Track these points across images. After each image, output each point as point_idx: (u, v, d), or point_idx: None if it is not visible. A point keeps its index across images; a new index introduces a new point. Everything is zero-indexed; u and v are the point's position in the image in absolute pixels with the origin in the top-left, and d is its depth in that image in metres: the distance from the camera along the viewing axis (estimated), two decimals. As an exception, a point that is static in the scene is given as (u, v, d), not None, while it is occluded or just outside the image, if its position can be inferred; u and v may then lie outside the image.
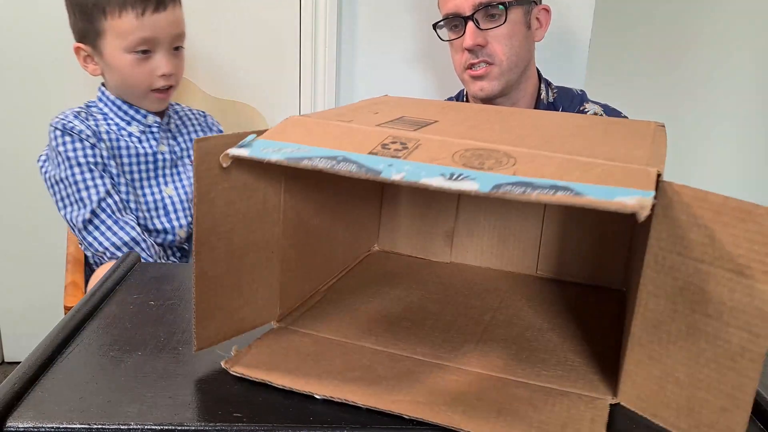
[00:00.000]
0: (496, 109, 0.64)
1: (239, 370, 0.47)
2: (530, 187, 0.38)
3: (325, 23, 1.47)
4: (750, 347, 0.38)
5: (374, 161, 0.42)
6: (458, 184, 0.39)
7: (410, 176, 0.40)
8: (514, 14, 1.12)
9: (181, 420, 0.41)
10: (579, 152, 0.44)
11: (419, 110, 0.58)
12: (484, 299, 0.62)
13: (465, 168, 0.41)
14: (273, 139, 0.46)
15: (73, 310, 0.55)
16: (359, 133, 0.47)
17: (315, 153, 0.43)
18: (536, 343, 0.54)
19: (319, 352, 0.50)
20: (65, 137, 1.03)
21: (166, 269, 0.68)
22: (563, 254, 0.68)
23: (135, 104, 1.10)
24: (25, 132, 1.54)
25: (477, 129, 0.51)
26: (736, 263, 0.38)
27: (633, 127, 0.57)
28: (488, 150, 0.44)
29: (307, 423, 0.42)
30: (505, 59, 1.12)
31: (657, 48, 2.41)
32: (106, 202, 1.03)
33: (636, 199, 0.36)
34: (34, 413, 0.41)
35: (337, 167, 0.42)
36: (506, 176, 0.40)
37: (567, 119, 0.60)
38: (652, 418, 0.44)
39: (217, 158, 0.45)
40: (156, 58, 1.05)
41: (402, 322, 0.56)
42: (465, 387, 0.46)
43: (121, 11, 1.01)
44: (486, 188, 0.38)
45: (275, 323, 0.54)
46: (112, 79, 1.08)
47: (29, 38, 1.48)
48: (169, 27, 1.05)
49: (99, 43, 1.05)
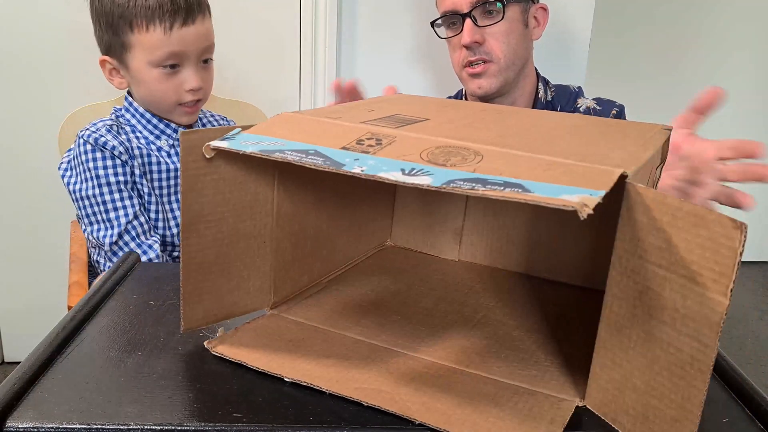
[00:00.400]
0: (496, 108, 0.64)
1: (220, 350, 0.49)
2: (481, 183, 0.38)
3: (325, 23, 1.47)
4: (699, 357, 0.37)
5: (342, 155, 0.44)
6: (413, 179, 0.40)
7: (370, 170, 0.41)
8: (512, 11, 1.11)
9: (181, 420, 0.41)
10: (553, 152, 0.44)
11: (417, 108, 0.59)
12: (480, 298, 0.62)
13: (427, 164, 0.42)
14: (257, 133, 0.48)
15: (73, 310, 0.55)
16: (340, 129, 0.49)
17: (288, 146, 0.45)
18: (520, 342, 0.54)
19: (302, 338, 0.52)
20: (96, 153, 0.99)
21: (166, 269, 0.68)
22: (573, 259, 0.67)
23: (163, 117, 1.07)
24: (26, 132, 1.54)
25: (465, 127, 0.52)
26: (689, 269, 0.37)
27: (631, 129, 0.57)
28: (458, 147, 0.45)
29: (307, 423, 0.42)
30: (503, 57, 1.11)
31: (657, 48, 2.41)
32: (133, 225, 1.01)
33: (580, 197, 0.36)
34: (34, 413, 0.41)
35: (305, 160, 0.43)
36: (463, 172, 0.40)
37: (565, 119, 0.61)
38: (612, 423, 0.43)
39: (202, 150, 0.47)
40: (184, 73, 1.02)
41: (392, 315, 0.57)
42: (432, 379, 0.47)
43: (149, 25, 0.97)
44: (438, 183, 0.39)
45: (268, 310, 0.56)
46: (139, 92, 1.05)
47: (29, 38, 1.48)
48: (198, 41, 1.01)
49: (125, 56, 1.01)
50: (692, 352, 0.37)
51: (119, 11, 0.98)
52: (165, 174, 1.06)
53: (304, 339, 0.51)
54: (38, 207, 1.60)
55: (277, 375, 0.46)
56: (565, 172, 0.40)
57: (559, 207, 0.35)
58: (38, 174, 1.56)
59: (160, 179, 1.06)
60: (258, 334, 0.52)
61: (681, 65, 2.43)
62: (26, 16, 1.47)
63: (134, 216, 1.01)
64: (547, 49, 1.46)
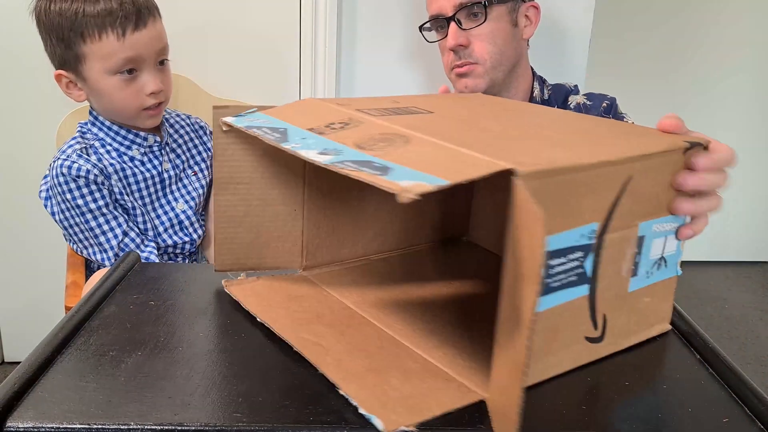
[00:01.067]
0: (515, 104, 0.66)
1: (231, 290, 0.57)
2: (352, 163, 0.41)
3: (325, 23, 1.47)
4: None
5: (298, 134, 0.49)
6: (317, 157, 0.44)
7: (299, 149, 0.46)
8: (497, 12, 1.12)
9: (181, 420, 0.41)
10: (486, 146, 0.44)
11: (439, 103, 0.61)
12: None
13: (352, 147, 0.45)
14: (269, 113, 0.54)
15: (72, 310, 0.55)
16: (327, 114, 0.53)
17: (268, 124, 0.51)
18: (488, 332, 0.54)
19: (305, 298, 0.57)
20: (71, 184, 0.98)
21: (166, 269, 0.68)
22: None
23: (128, 124, 1.05)
24: (23, 132, 1.54)
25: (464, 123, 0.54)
26: None
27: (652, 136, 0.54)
28: (399, 135, 0.47)
29: (307, 423, 0.42)
30: (489, 58, 1.12)
31: (657, 48, 2.41)
32: (125, 243, 1.01)
33: (413, 184, 0.37)
34: (34, 413, 0.41)
35: (257, 132, 0.50)
36: (362, 154, 0.43)
37: (578, 120, 0.60)
38: None
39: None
40: (143, 77, 1.00)
41: (403, 298, 0.60)
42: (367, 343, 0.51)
43: (101, 33, 0.95)
44: (328, 162, 0.42)
45: (301, 270, 0.63)
46: (99, 103, 1.03)
47: (28, 38, 1.48)
48: (152, 43, 1.00)
49: (81, 68, 0.99)
50: None
51: (68, 24, 0.96)
52: (143, 183, 1.05)
53: (307, 299, 0.57)
54: (37, 207, 1.59)
55: (262, 322, 0.53)
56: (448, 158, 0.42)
57: (386, 189, 0.37)
58: (36, 174, 1.56)
59: (140, 189, 1.05)
60: (271, 287, 0.59)
61: (681, 65, 2.43)
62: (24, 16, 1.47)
63: (123, 234, 1.01)
64: (547, 49, 1.46)
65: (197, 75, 1.42)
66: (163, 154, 1.08)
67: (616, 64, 2.35)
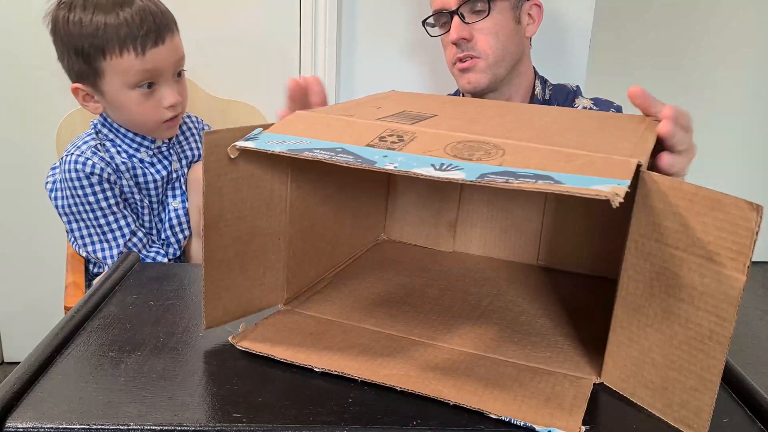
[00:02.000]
0: (495, 104, 0.66)
1: (245, 344, 0.50)
2: (513, 176, 0.40)
3: (325, 23, 1.47)
4: (717, 330, 0.40)
5: (370, 153, 0.45)
6: (446, 174, 0.41)
7: (402, 166, 0.43)
8: (500, 7, 1.12)
9: (180, 420, 0.41)
10: (566, 144, 0.46)
11: (421, 105, 0.61)
12: (482, 286, 0.64)
13: (454, 159, 0.43)
14: (278, 132, 0.49)
15: (72, 311, 0.55)
16: (359, 127, 0.50)
17: (315, 145, 0.46)
18: (528, 327, 0.56)
19: (321, 331, 0.53)
20: (83, 180, 0.99)
21: (165, 269, 0.68)
22: (563, 245, 0.70)
23: (147, 135, 1.06)
24: (23, 133, 1.54)
25: (473, 122, 0.53)
26: (706, 250, 0.40)
27: (625, 121, 0.59)
28: (479, 142, 0.46)
29: (307, 423, 0.42)
30: (491, 53, 1.12)
31: (657, 48, 2.41)
32: (133, 242, 1.02)
33: (610, 187, 0.38)
34: (33, 413, 0.41)
35: (335, 158, 0.44)
36: (492, 166, 0.42)
37: (562, 113, 0.62)
38: (631, 397, 0.46)
39: (225, 150, 0.48)
40: (161, 90, 1.01)
41: (402, 306, 0.59)
42: (455, 364, 0.49)
43: (122, 50, 0.96)
44: (472, 177, 0.41)
45: (282, 306, 0.58)
46: (117, 117, 1.04)
47: (29, 38, 1.48)
48: (170, 56, 1.00)
49: (99, 82, 1.00)
50: (711, 326, 0.40)
51: (89, 40, 0.96)
52: (152, 184, 1.07)
53: (324, 331, 0.53)
54: (37, 207, 1.60)
55: (305, 365, 0.47)
56: (585, 164, 0.42)
57: (592, 197, 0.38)
58: (36, 175, 1.56)
59: (148, 189, 1.06)
60: (278, 329, 0.53)
61: (681, 65, 2.43)
62: (24, 17, 1.47)
63: (132, 234, 1.02)
64: (547, 49, 1.46)
65: (197, 74, 1.41)
66: (173, 154, 1.10)
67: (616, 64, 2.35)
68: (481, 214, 0.72)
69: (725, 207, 0.39)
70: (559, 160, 0.43)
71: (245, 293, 0.54)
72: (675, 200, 0.41)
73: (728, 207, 0.38)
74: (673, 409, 0.43)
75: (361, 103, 0.61)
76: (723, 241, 0.39)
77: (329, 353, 0.49)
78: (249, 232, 0.52)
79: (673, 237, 0.41)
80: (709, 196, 0.39)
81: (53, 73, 1.04)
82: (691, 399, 0.42)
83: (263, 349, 0.49)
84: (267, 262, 0.55)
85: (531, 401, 0.44)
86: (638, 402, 0.45)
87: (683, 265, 0.41)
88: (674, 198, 0.41)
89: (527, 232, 0.71)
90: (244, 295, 0.54)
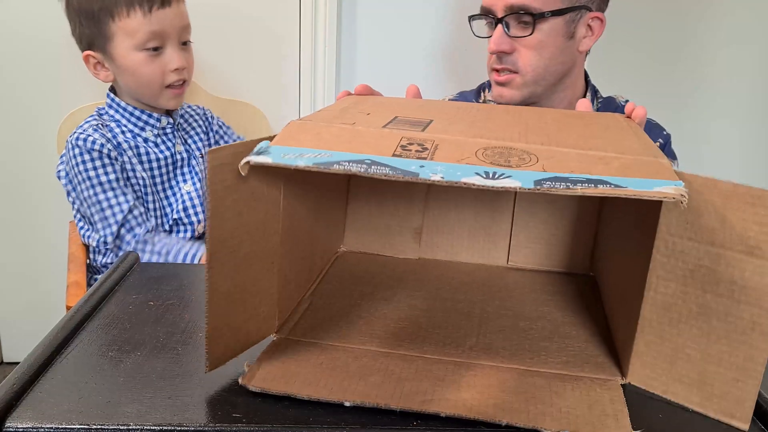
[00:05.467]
0: (471, 106, 0.63)
1: (259, 384, 0.45)
2: (569, 182, 0.40)
3: (325, 23, 1.47)
4: (761, 321, 0.41)
5: (404, 164, 0.42)
6: (499, 182, 0.40)
7: (448, 176, 0.40)
8: (549, 25, 1.02)
9: (180, 420, 0.41)
10: (584, 147, 0.46)
11: (405, 110, 0.58)
12: (466, 293, 0.63)
13: (495, 166, 0.42)
14: (285, 144, 0.45)
15: (72, 310, 0.55)
16: (371, 136, 0.47)
17: (340, 157, 0.42)
18: (532, 332, 0.55)
19: (330, 359, 0.49)
20: (84, 156, 1.03)
21: (166, 269, 0.68)
22: (532, 245, 0.70)
23: (151, 104, 1.10)
24: (24, 132, 1.54)
25: (474, 126, 0.52)
26: (747, 245, 0.41)
27: (608, 120, 0.59)
28: (505, 148, 0.45)
29: (307, 423, 0.42)
30: (531, 71, 1.04)
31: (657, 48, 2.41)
32: (128, 219, 1.04)
33: (673, 188, 0.39)
34: (33, 413, 0.41)
35: (370, 171, 0.41)
36: (541, 173, 0.41)
37: (544, 113, 0.60)
38: (663, 394, 0.46)
39: (230, 169, 0.43)
40: (167, 53, 1.07)
41: (397, 322, 0.56)
42: (485, 380, 0.47)
43: (129, 10, 1.02)
44: (528, 185, 0.40)
45: (275, 335, 0.53)
46: (125, 81, 1.09)
47: (29, 37, 1.48)
48: (176, 20, 1.07)
49: (109, 46, 1.06)
50: (753, 318, 0.42)
51: (99, 4, 1.03)
52: (155, 163, 1.10)
53: (334, 359, 0.49)
54: (37, 207, 1.60)
55: (335, 402, 0.44)
56: (623, 166, 0.42)
57: (660, 199, 0.38)
58: (37, 174, 1.56)
59: (151, 168, 1.09)
60: (284, 363, 0.49)
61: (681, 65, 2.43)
62: (24, 16, 1.47)
63: (129, 210, 1.04)
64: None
65: (197, 74, 1.42)
66: (176, 136, 1.12)
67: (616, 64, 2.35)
68: (447, 219, 0.71)
69: (766, 201, 0.40)
70: (596, 164, 0.43)
71: (244, 326, 0.49)
72: (711, 197, 0.42)
73: None
74: (712, 401, 0.44)
75: (345, 110, 0.57)
76: (765, 236, 0.40)
77: (352, 383, 0.46)
78: (247, 260, 0.48)
79: (710, 234, 0.42)
80: (749, 192, 0.40)
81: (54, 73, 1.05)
82: (732, 390, 0.43)
83: (280, 387, 0.45)
84: (262, 289, 0.51)
85: (577, 411, 0.44)
86: (671, 398, 0.46)
87: (721, 261, 0.42)
88: (710, 195, 0.42)
89: (497, 233, 0.70)
90: (243, 329, 0.49)
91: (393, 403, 0.43)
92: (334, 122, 0.51)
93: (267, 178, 0.48)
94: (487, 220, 0.70)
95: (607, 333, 0.55)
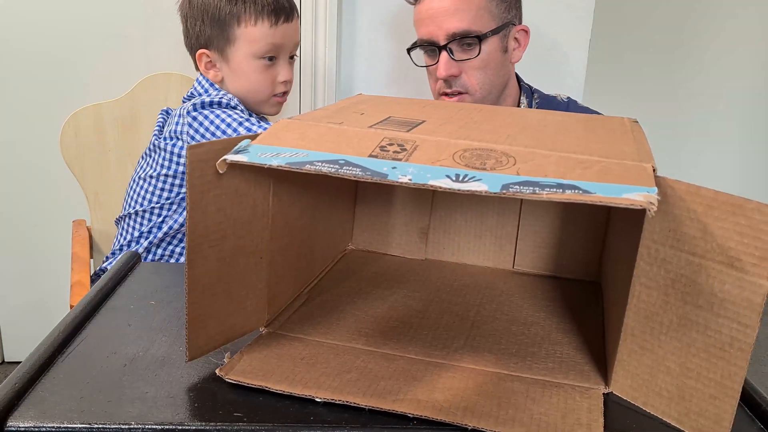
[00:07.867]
0: (477, 107, 0.64)
1: (234, 377, 0.46)
2: (537, 186, 0.39)
3: (325, 23, 1.47)
4: (739, 337, 0.39)
5: (377, 164, 0.42)
6: (467, 186, 0.40)
7: (416, 179, 0.40)
8: (490, 44, 1.10)
9: (181, 420, 0.41)
10: (572, 149, 0.45)
11: (403, 110, 0.58)
12: (465, 295, 0.63)
13: (467, 168, 0.41)
14: (268, 143, 0.46)
15: (73, 310, 0.55)
16: (354, 136, 0.48)
17: (314, 157, 0.44)
18: (523, 337, 0.55)
19: (312, 355, 0.50)
20: (216, 110, 1.05)
21: (166, 269, 0.68)
22: (539, 249, 0.69)
23: (255, 108, 1.14)
24: (28, 132, 1.54)
25: (466, 128, 0.52)
26: (727, 255, 0.39)
27: (610, 123, 0.58)
28: (485, 150, 0.44)
29: (307, 423, 0.42)
30: (479, 89, 1.11)
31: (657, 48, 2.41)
32: None
33: (643, 195, 0.37)
34: (34, 413, 0.41)
35: (341, 171, 0.42)
36: (511, 176, 0.40)
37: (547, 116, 0.61)
38: (643, 407, 0.45)
39: (210, 165, 0.44)
40: (279, 65, 1.12)
41: (389, 321, 0.57)
42: (462, 383, 0.47)
43: (257, 20, 1.06)
44: (495, 189, 0.39)
45: (263, 329, 0.54)
46: (235, 84, 1.12)
47: (30, 37, 1.48)
48: (293, 36, 1.12)
49: (228, 49, 1.09)
50: (732, 333, 0.40)
51: (228, 8, 1.06)
52: None
53: (315, 355, 0.50)
54: (40, 207, 1.60)
55: (306, 396, 0.44)
56: (602, 170, 0.41)
57: (626, 206, 0.37)
58: (40, 174, 1.57)
59: None
60: (265, 356, 0.49)
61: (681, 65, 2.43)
62: (27, 17, 1.47)
63: None
64: (547, 51, 1.46)
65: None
66: None
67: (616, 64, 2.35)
68: (454, 220, 0.70)
69: (747, 212, 0.38)
70: (574, 168, 0.42)
71: (228, 319, 0.50)
72: (693, 205, 0.40)
73: (750, 212, 0.38)
74: (690, 417, 0.42)
75: (341, 109, 0.58)
76: (745, 247, 0.38)
77: (327, 380, 0.46)
78: (232, 253, 0.48)
79: (691, 243, 0.41)
80: (730, 201, 0.39)
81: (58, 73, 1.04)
82: (710, 407, 0.41)
83: (256, 380, 0.45)
84: (250, 283, 0.51)
85: (548, 419, 0.43)
86: (651, 411, 0.44)
87: (701, 272, 0.40)
88: (692, 203, 0.40)
89: (503, 236, 0.69)
90: (227, 321, 0.50)
91: (363, 401, 0.43)
92: (322, 121, 0.51)
93: (252, 175, 0.48)
94: (493, 223, 0.69)
95: (601, 341, 0.55)
